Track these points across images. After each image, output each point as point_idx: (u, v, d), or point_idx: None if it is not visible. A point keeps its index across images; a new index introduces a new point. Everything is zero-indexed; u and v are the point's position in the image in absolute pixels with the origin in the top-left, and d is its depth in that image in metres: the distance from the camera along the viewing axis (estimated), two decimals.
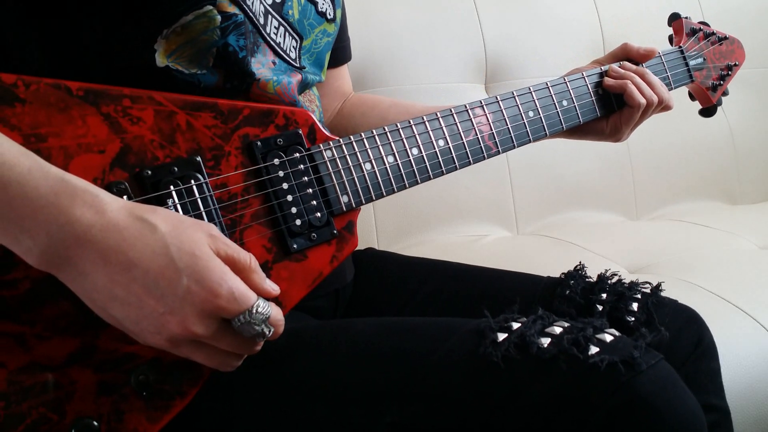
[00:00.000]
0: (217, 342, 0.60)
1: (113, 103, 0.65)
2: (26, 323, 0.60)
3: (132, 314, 0.58)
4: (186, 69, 0.73)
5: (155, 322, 0.58)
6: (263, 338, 0.61)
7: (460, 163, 0.83)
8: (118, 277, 0.57)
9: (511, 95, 0.88)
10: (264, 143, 0.72)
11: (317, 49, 0.88)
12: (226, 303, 0.59)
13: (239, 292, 0.59)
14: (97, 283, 0.57)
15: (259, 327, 0.60)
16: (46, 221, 0.56)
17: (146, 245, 0.58)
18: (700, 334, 0.88)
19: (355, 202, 0.75)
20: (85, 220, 0.57)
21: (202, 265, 0.59)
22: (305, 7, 0.84)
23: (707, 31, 1.09)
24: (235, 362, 0.64)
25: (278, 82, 0.78)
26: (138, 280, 0.57)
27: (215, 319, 0.59)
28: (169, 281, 0.57)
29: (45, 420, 0.60)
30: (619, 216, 1.82)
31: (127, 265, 0.57)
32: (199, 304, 0.58)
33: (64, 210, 0.56)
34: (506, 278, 0.97)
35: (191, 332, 0.58)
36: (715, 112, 1.11)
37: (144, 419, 0.63)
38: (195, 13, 0.71)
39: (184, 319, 0.58)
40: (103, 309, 0.59)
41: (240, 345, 0.62)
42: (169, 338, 0.59)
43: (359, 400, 0.67)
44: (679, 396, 0.61)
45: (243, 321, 0.59)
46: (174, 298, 0.57)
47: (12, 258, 0.59)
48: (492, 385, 0.63)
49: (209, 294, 0.58)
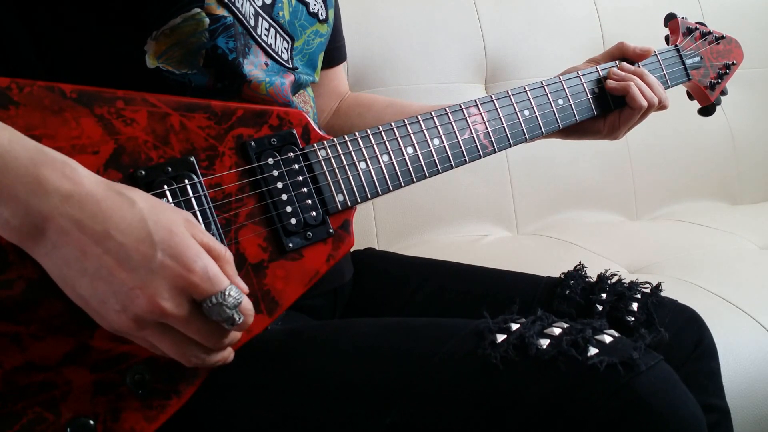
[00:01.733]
0: (184, 325, 0.58)
1: (107, 105, 0.65)
2: (21, 323, 0.60)
3: (100, 290, 0.56)
4: (176, 69, 0.73)
5: (124, 297, 0.56)
6: (232, 324, 0.59)
7: (455, 161, 0.83)
8: (90, 249, 0.56)
9: (506, 94, 0.89)
10: (258, 143, 0.72)
11: (309, 49, 0.88)
12: (200, 280, 0.57)
13: (213, 272, 0.58)
14: (68, 257, 0.56)
15: (230, 311, 0.58)
16: (24, 191, 0.55)
17: (123, 218, 0.57)
18: (700, 334, 0.88)
19: (351, 201, 0.75)
20: (64, 190, 0.56)
21: (178, 241, 0.58)
22: (296, 8, 0.84)
23: (703, 30, 1.09)
24: (200, 354, 0.61)
25: (271, 84, 0.78)
26: (111, 252, 0.56)
27: (186, 298, 0.58)
28: (143, 255, 0.56)
29: (41, 419, 0.60)
30: (619, 216, 1.82)
31: (102, 236, 0.56)
32: (172, 279, 0.57)
33: (43, 180, 0.56)
34: (506, 278, 0.97)
35: (160, 309, 0.56)
36: (713, 111, 1.12)
37: (141, 418, 0.63)
38: (183, 16, 0.71)
39: (154, 293, 0.56)
40: (72, 287, 0.57)
41: (207, 333, 0.59)
42: (135, 316, 0.56)
43: (359, 400, 0.67)
44: (678, 397, 0.61)
45: (215, 302, 0.57)
46: (147, 272, 0.56)
47: (6, 258, 0.59)
48: (491, 386, 0.63)
49: (183, 269, 0.57)
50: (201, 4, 0.72)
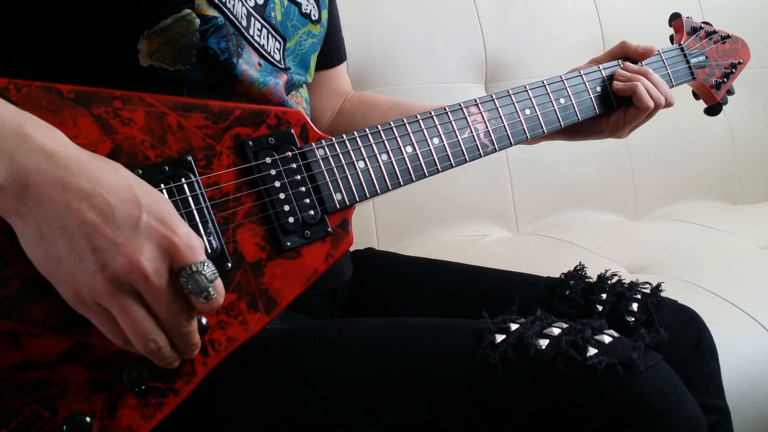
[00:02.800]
0: (157, 294, 0.57)
1: (104, 105, 0.65)
2: (18, 321, 0.60)
3: (79, 247, 0.55)
4: (170, 66, 0.73)
5: (104, 254, 0.55)
6: (205, 299, 0.58)
7: (455, 160, 0.83)
8: (74, 204, 0.55)
9: (506, 93, 0.89)
10: (255, 142, 0.72)
11: (301, 50, 0.88)
12: (182, 246, 0.57)
13: (195, 241, 0.58)
14: (49, 213, 0.55)
15: (206, 282, 0.58)
16: (9, 147, 0.55)
17: (109, 180, 0.57)
18: (700, 335, 0.88)
19: (349, 200, 0.75)
20: (48, 148, 0.56)
21: (163, 207, 0.58)
22: (288, 8, 0.84)
23: (708, 29, 1.09)
24: (159, 340, 0.58)
25: (265, 84, 0.78)
26: (96, 209, 0.55)
27: (166, 264, 0.57)
28: (129, 214, 0.56)
29: (37, 417, 0.60)
30: (619, 216, 1.82)
31: (88, 192, 0.56)
32: (156, 239, 0.56)
33: (28, 138, 0.55)
34: (506, 278, 0.97)
35: (140, 269, 0.55)
36: (720, 110, 1.11)
37: (138, 416, 0.63)
38: (174, 17, 0.72)
39: (137, 252, 0.55)
40: (46, 248, 0.56)
41: (176, 310, 0.58)
42: (112, 276, 0.55)
43: (358, 401, 0.66)
44: (678, 397, 0.61)
45: (194, 270, 0.57)
46: (131, 230, 0.56)
47: (3, 256, 0.59)
48: (490, 386, 0.63)
49: (168, 231, 0.57)
50: (191, 5, 0.72)
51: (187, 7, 0.72)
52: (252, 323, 0.68)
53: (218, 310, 0.66)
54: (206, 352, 0.66)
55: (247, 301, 0.69)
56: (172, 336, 0.59)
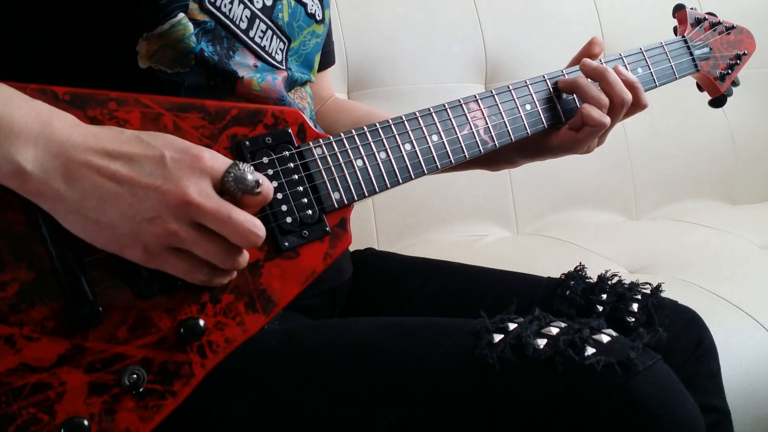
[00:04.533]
0: (216, 211, 0.59)
1: (99, 107, 0.65)
2: (15, 325, 0.60)
3: (126, 206, 0.58)
4: (169, 69, 0.73)
5: (152, 202, 0.58)
6: (257, 190, 0.61)
7: (455, 157, 0.82)
8: (104, 170, 0.58)
9: (506, 89, 0.87)
10: (252, 142, 0.71)
11: (306, 50, 0.88)
12: (210, 161, 0.61)
13: (217, 154, 0.62)
14: (86, 188, 0.58)
15: (250, 177, 0.61)
16: (33, 134, 0.58)
17: (120, 140, 0.60)
18: (700, 335, 0.88)
19: (347, 199, 0.75)
20: (66, 129, 0.59)
21: (176, 140, 0.62)
22: (295, 9, 0.84)
23: (713, 20, 1.07)
24: (242, 253, 0.63)
25: (263, 79, 0.78)
26: (125, 166, 0.59)
27: (207, 182, 0.60)
28: (152, 158, 0.59)
29: (35, 421, 0.60)
30: (619, 216, 1.82)
31: (110, 156, 0.59)
32: (187, 166, 0.60)
33: (47, 123, 0.59)
34: (506, 279, 0.97)
35: (188, 197, 0.58)
36: (725, 102, 1.09)
37: (136, 419, 0.63)
38: (170, 22, 0.72)
39: (177, 183, 0.59)
40: (95, 221, 0.59)
41: (241, 216, 0.61)
42: (168, 214, 0.58)
43: (356, 402, 0.66)
44: (676, 398, 0.61)
45: (233, 172, 0.61)
46: (164, 170, 0.59)
47: (1, 260, 0.59)
48: (488, 386, 0.62)
49: (194, 157, 0.60)
50: (185, 10, 0.72)
51: (180, 12, 0.72)
52: (250, 324, 0.68)
53: (216, 310, 0.66)
54: (204, 353, 0.66)
55: (245, 302, 0.68)
56: (245, 243, 0.62)
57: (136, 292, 0.64)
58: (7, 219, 0.61)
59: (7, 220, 0.61)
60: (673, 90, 1.02)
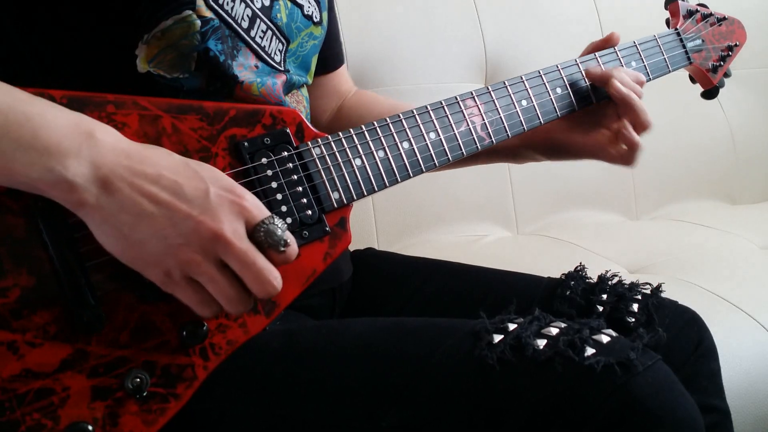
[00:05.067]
0: (243, 254, 0.60)
1: (97, 110, 0.65)
2: (18, 331, 0.60)
3: (159, 227, 0.58)
4: (168, 74, 0.73)
5: (184, 229, 0.58)
6: (284, 247, 0.62)
7: (452, 155, 0.82)
8: (146, 189, 0.59)
9: (503, 85, 0.87)
10: (251, 143, 0.71)
11: (303, 52, 0.88)
12: (251, 206, 0.61)
13: (258, 201, 0.63)
14: (124, 202, 0.58)
15: (279, 233, 0.61)
16: (76, 145, 0.58)
17: (168, 162, 0.61)
18: (700, 336, 0.88)
19: (347, 198, 0.75)
20: (110, 141, 0.60)
21: (223, 177, 0.62)
22: (292, 10, 0.84)
23: (705, 12, 1.06)
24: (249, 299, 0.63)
25: (263, 84, 0.78)
26: (167, 189, 0.59)
27: (242, 225, 0.61)
28: (196, 188, 0.60)
29: (39, 426, 0.60)
30: (619, 216, 1.82)
31: (155, 176, 0.59)
32: (228, 205, 0.60)
33: (91, 135, 0.59)
34: (507, 279, 0.97)
35: (222, 235, 0.59)
36: (717, 94, 1.08)
37: (139, 422, 0.63)
38: (174, 18, 0.71)
39: (215, 218, 0.59)
40: (127, 235, 0.59)
41: (262, 265, 0.61)
42: (198, 246, 0.59)
43: (356, 402, 0.67)
44: (676, 398, 0.61)
45: (267, 224, 0.61)
46: (205, 201, 0.59)
47: (2, 266, 0.59)
48: (488, 387, 0.63)
49: (236, 197, 0.61)
50: (192, 6, 0.71)
51: (188, 9, 0.71)
52: (252, 326, 0.68)
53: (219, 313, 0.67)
54: (207, 356, 0.66)
55: None
56: (261, 292, 0.62)
57: (138, 296, 0.64)
58: (7, 224, 0.61)
59: (7, 226, 0.61)
60: (673, 90, 1.02)
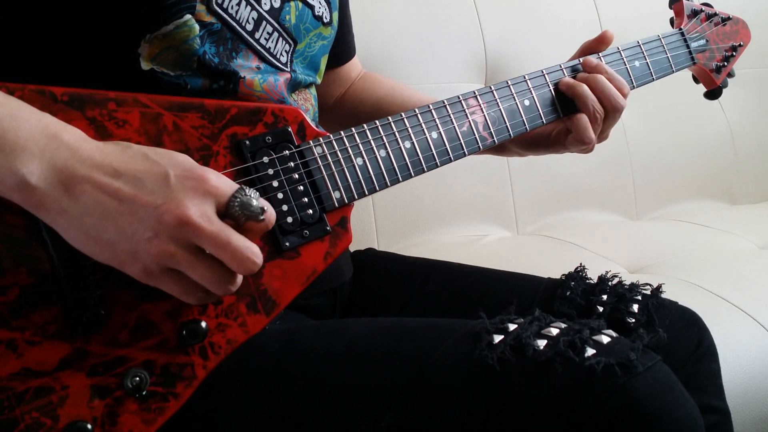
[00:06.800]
0: (214, 235, 0.58)
1: (98, 107, 0.65)
2: (17, 329, 0.60)
3: (125, 224, 0.57)
4: (171, 71, 0.73)
5: (152, 221, 0.57)
6: (261, 216, 0.60)
7: (454, 154, 0.82)
8: (108, 188, 0.58)
9: (505, 84, 0.87)
10: (252, 142, 0.71)
11: (311, 52, 0.88)
12: (216, 184, 0.60)
13: (223, 177, 0.61)
14: (88, 204, 0.57)
15: (256, 201, 0.60)
16: (39, 147, 0.57)
17: (127, 156, 0.60)
18: (700, 336, 0.88)
19: (348, 198, 0.75)
20: (73, 143, 0.59)
21: (182, 159, 0.61)
22: (302, 11, 0.84)
23: (709, 12, 1.06)
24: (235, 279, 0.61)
25: (264, 80, 0.78)
26: (128, 184, 0.58)
27: (210, 205, 0.59)
28: (157, 176, 0.59)
29: (38, 425, 0.60)
30: (619, 216, 1.82)
31: (114, 174, 0.58)
32: (191, 188, 0.59)
33: (54, 137, 0.58)
34: (507, 279, 0.97)
35: (188, 219, 0.57)
36: (720, 94, 1.08)
37: (139, 421, 0.63)
38: (175, 23, 0.71)
39: (178, 204, 0.58)
40: (95, 238, 0.58)
41: (236, 241, 0.59)
42: (167, 235, 0.57)
43: (355, 403, 0.66)
44: (676, 399, 0.61)
45: (241, 196, 0.60)
46: (167, 189, 0.58)
47: (1, 265, 0.59)
48: (488, 388, 0.63)
49: (199, 179, 0.59)
50: (192, 11, 0.72)
51: (188, 13, 0.71)
52: (251, 325, 0.68)
53: (218, 312, 0.66)
54: (206, 355, 0.66)
55: (246, 303, 0.68)
56: (242, 270, 0.61)
57: (137, 295, 0.64)
58: (7, 223, 0.61)
59: (7, 225, 0.61)
60: (673, 90, 1.02)
